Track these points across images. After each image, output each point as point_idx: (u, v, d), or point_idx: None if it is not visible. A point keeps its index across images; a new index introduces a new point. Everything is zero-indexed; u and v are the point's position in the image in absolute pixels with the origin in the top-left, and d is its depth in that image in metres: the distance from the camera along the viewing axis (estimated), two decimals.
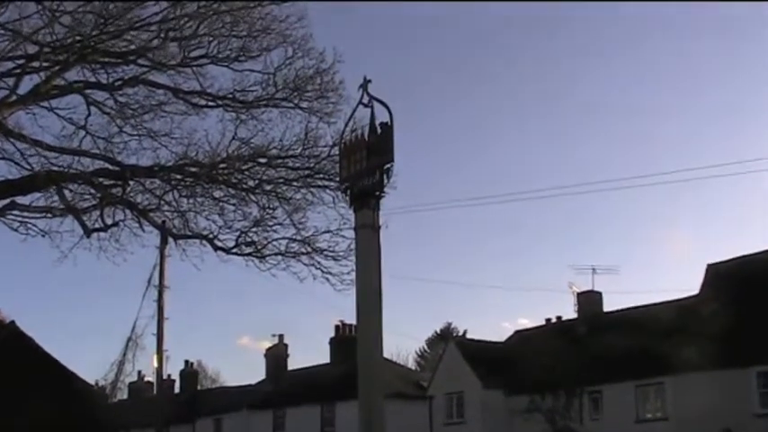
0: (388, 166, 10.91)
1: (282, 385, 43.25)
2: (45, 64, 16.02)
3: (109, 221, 18.24)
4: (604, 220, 78.23)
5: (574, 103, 73.57)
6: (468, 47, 74.70)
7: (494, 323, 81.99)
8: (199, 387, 53.80)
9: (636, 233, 74.84)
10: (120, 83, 17.38)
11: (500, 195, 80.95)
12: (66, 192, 17.74)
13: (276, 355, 45.41)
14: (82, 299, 79.76)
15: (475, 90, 78.77)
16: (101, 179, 18.08)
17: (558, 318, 38.77)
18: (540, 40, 73.59)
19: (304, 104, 18.01)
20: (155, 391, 31.98)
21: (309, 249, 18.65)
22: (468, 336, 53.80)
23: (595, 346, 32.85)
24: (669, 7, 60.44)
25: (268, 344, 46.36)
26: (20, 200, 17.27)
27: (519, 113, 76.47)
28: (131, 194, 18.64)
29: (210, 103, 18.18)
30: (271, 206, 18.78)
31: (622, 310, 35.89)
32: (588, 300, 37.00)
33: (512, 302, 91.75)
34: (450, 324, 63.43)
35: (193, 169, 18.29)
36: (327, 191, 18.36)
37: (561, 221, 77.51)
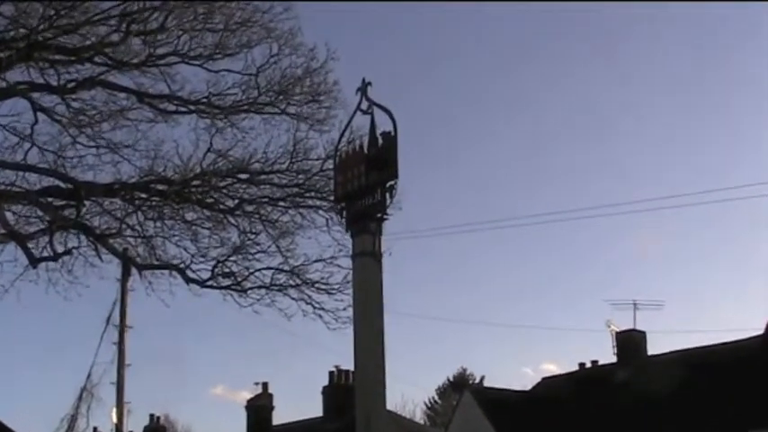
0: (392, 182, 10.87)
1: None
2: None
3: (60, 249, 18.25)
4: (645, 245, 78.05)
5: (609, 109, 73.77)
6: (481, 49, 75.06)
7: (514, 369, 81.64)
8: None
9: (683, 262, 74.63)
10: (73, 85, 17.43)
11: (518, 218, 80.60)
12: (8, 214, 17.75)
13: (259, 408, 45.11)
14: (26, 341, 79.32)
15: (493, 95, 78.97)
16: (50, 199, 18.09)
17: (594, 362, 38.63)
18: (556, 37, 73.93)
19: (292, 110, 18.11)
20: None
21: (299, 281, 18.67)
22: (486, 383, 53.64)
23: (639, 395, 32.67)
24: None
25: (248, 394, 46.06)
26: None
27: (543, 123, 76.65)
28: (87, 217, 18.68)
29: (181, 109, 18.24)
30: (253, 230, 18.83)
31: (671, 352, 35.66)
32: (629, 340, 36.74)
33: (535, 344, 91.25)
34: (464, 370, 63.37)
35: (161, 187, 18.31)
36: (320, 212, 18.43)
37: (595, 247, 77.41)
